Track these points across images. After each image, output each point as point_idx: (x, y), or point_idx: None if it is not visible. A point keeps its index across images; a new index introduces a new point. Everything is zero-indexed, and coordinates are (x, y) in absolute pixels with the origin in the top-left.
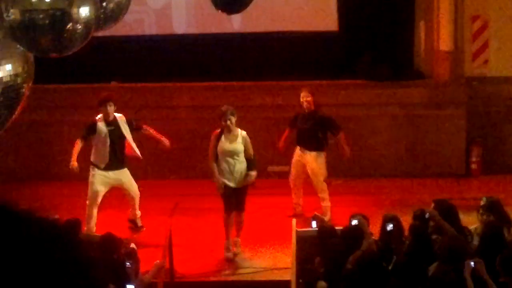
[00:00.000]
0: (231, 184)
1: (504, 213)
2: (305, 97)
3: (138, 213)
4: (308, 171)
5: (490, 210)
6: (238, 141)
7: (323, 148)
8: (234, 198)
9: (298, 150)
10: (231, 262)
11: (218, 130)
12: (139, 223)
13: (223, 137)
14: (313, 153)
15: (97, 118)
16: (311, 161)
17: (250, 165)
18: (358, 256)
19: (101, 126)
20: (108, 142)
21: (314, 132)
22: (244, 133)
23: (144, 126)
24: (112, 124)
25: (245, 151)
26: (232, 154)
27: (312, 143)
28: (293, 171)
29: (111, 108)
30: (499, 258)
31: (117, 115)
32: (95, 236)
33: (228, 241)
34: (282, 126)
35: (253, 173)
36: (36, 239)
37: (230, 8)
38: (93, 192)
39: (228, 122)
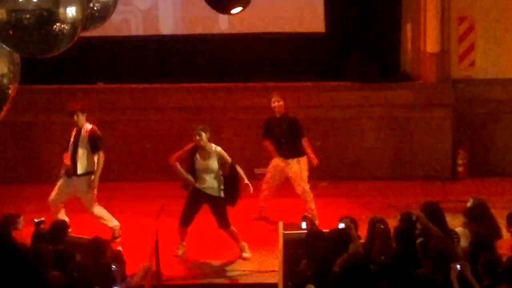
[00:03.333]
0: (204, 190)
1: (490, 216)
2: (276, 102)
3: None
4: (290, 175)
5: (475, 214)
6: (211, 158)
7: (303, 153)
8: (197, 209)
9: (278, 160)
10: (218, 265)
11: (193, 144)
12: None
13: (197, 154)
14: (295, 160)
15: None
16: (294, 166)
17: (234, 178)
18: (345, 259)
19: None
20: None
21: (291, 137)
22: (218, 148)
23: None
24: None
25: (223, 166)
26: (205, 171)
27: (291, 149)
28: (268, 175)
29: (78, 118)
30: (482, 261)
31: (87, 126)
32: (83, 238)
33: (181, 241)
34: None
35: (246, 182)
36: None
37: (224, 7)
38: None
39: (197, 138)
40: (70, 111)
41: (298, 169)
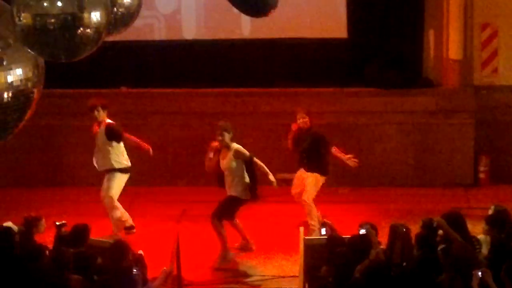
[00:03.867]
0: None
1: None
2: (301, 118)
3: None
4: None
5: (496, 221)
6: (229, 157)
7: (324, 171)
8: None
9: (300, 172)
10: (239, 270)
11: (217, 144)
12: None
13: (220, 155)
14: (314, 174)
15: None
16: (310, 177)
17: (252, 172)
18: (366, 265)
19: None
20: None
21: (312, 152)
22: (235, 146)
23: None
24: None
25: (243, 162)
26: (227, 172)
27: (311, 163)
28: (295, 190)
29: (98, 113)
30: (505, 267)
31: (105, 122)
32: (105, 242)
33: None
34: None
35: (270, 177)
36: None
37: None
38: None
39: (219, 138)
40: (90, 106)
41: (313, 181)
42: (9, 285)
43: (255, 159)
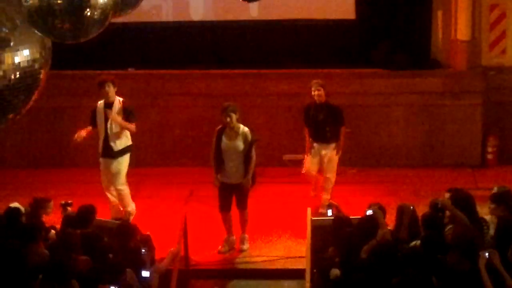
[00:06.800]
0: (229, 181)
1: None
2: (316, 90)
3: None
4: (324, 159)
5: (500, 200)
6: (238, 138)
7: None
8: (231, 197)
9: (316, 147)
10: (246, 251)
11: (220, 126)
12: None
13: (224, 135)
14: (333, 145)
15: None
16: (331, 151)
17: (246, 168)
18: (373, 246)
19: (100, 108)
20: (103, 124)
21: (332, 123)
22: (245, 129)
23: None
24: (110, 107)
25: (244, 148)
26: (231, 152)
27: (332, 134)
28: (312, 167)
29: (109, 89)
30: (511, 247)
31: (118, 98)
32: (111, 223)
33: (227, 237)
34: (298, 115)
35: (246, 179)
36: None
37: None
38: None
39: (228, 119)
40: (101, 81)
41: (335, 154)
42: (16, 266)
43: (253, 148)
